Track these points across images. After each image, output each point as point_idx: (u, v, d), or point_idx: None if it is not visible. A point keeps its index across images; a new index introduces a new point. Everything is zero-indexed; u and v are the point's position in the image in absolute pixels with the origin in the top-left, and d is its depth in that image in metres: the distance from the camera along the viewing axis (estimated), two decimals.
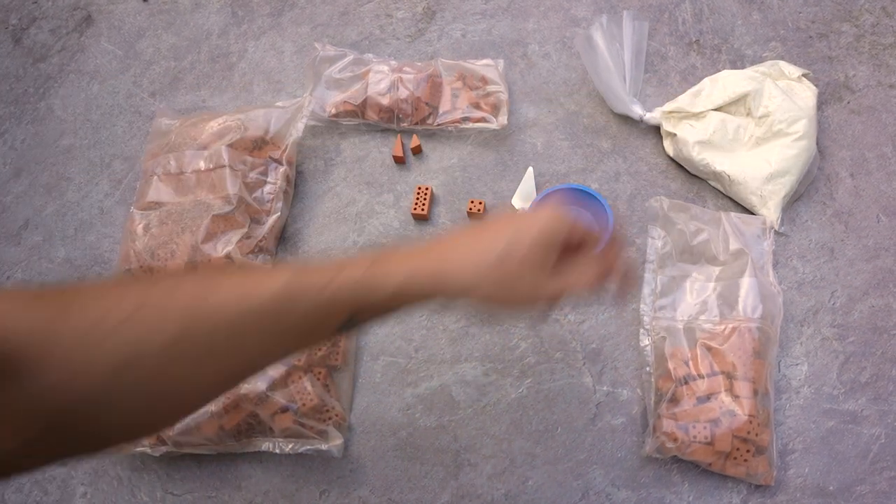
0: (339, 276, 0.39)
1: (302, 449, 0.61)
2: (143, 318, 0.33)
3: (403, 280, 0.40)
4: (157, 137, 0.75)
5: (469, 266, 0.41)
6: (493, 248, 0.41)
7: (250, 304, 0.36)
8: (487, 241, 0.42)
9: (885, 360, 0.63)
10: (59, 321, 0.32)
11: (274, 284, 0.37)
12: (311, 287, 0.38)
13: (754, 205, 0.68)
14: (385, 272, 0.40)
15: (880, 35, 0.79)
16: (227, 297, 0.36)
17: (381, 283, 0.39)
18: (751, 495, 0.58)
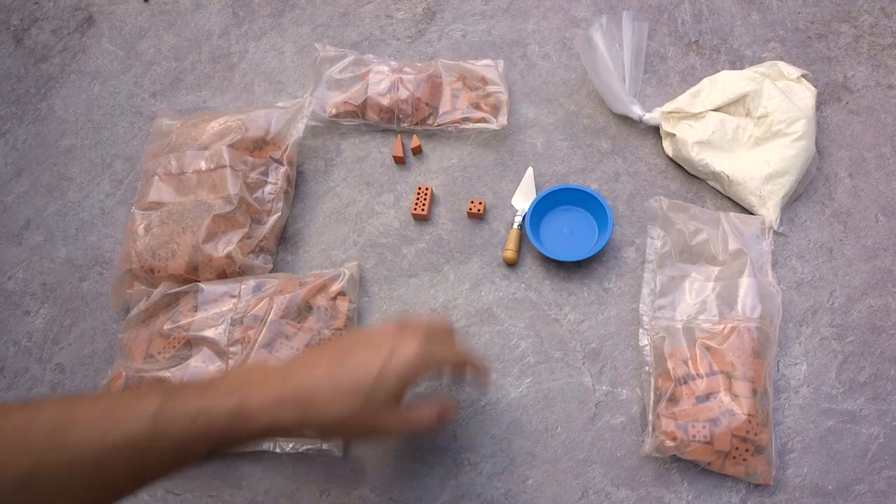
0: (210, 406, 0.39)
1: (302, 448, 0.61)
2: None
3: (271, 418, 0.40)
4: (158, 138, 0.75)
5: (335, 406, 0.42)
6: (359, 387, 0.42)
7: (115, 437, 0.36)
8: (354, 376, 0.43)
9: (883, 359, 0.63)
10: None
11: (143, 415, 0.37)
12: (181, 418, 0.38)
13: (753, 205, 0.68)
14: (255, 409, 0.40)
15: (879, 36, 0.79)
16: (89, 431, 0.35)
17: (250, 420, 0.40)
18: (750, 494, 0.58)
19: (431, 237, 0.72)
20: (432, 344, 0.46)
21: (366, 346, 0.45)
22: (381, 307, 0.69)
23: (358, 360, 0.44)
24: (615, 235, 0.70)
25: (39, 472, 0.33)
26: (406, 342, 0.45)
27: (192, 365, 0.62)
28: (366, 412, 0.43)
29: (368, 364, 0.43)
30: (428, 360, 0.45)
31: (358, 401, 0.42)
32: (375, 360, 0.43)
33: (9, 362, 0.70)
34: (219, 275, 0.67)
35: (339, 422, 0.42)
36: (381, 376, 0.43)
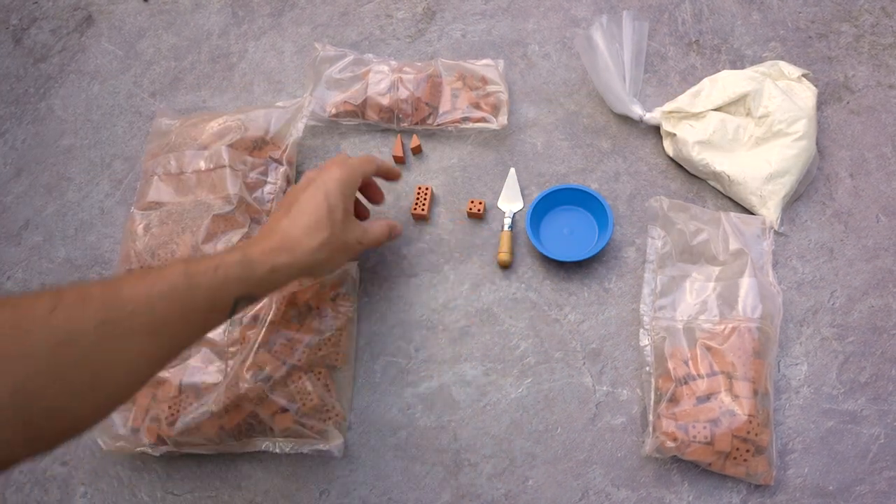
0: (224, 259, 0.48)
1: (302, 449, 0.61)
2: (66, 310, 0.38)
3: (271, 263, 0.51)
4: (158, 137, 0.75)
5: (312, 237, 0.53)
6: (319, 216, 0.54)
7: (159, 289, 0.43)
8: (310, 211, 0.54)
9: (884, 360, 0.63)
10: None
11: (174, 272, 0.44)
12: (204, 269, 0.46)
13: (754, 205, 0.68)
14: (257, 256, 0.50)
15: (880, 35, 0.79)
16: (136, 289, 0.42)
17: (255, 266, 0.50)
18: (750, 495, 0.58)
19: (431, 237, 0.72)
20: (346, 162, 0.59)
21: (303, 190, 0.56)
22: (381, 307, 0.69)
23: (305, 200, 0.55)
24: (615, 235, 0.70)
25: (108, 324, 0.39)
26: (328, 169, 0.57)
27: (192, 365, 0.62)
28: (334, 233, 0.55)
29: (314, 199, 0.55)
30: (350, 173, 0.58)
31: (325, 226, 0.54)
32: (317, 193, 0.55)
33: None
34: None
35: (319, 249, 0.53)
36: (328, 199, 0.55)
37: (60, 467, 0.65)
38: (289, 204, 0.55)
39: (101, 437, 0.61)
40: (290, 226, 0.53)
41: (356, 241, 0.58)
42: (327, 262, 0.55)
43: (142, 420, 0.61)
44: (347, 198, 0.57)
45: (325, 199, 0.55)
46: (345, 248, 0.57)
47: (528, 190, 0.73)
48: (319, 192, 0.55)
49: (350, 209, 0.57)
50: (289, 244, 0.52)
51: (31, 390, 0.36)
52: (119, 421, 0.62)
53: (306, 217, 0.54)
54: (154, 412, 0.61)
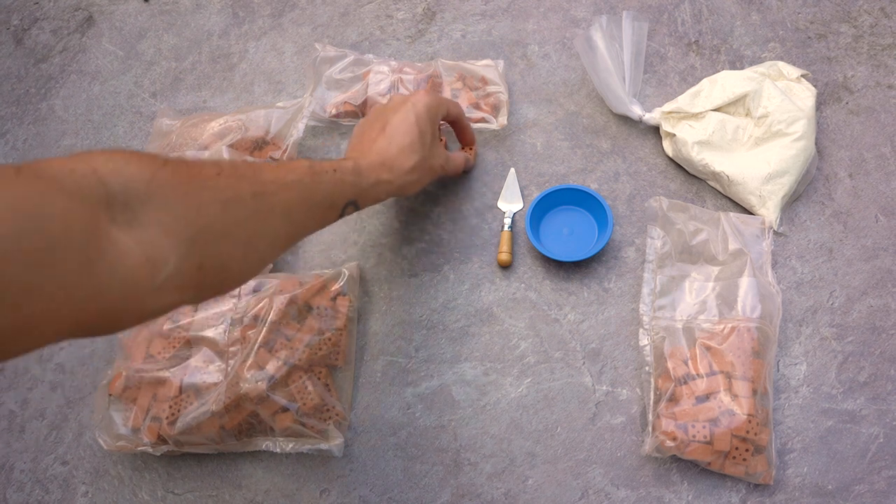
0: (341, 164, 0.53)
1: (302, 448, 0.61)
2: (227, 178, 0.42)
3: (377, 176, 0.56)
4: (159, 138, 0.75)
5: (409, 156, 0.58)
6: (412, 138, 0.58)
7: (291, 179, 0.47)
8: (405, 133, 0.58)
9: (883, 359, 0.63)
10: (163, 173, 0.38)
11: (302, 166, 0.49)
12: (326, 169, 0.51)
13: (753, 205, 0.68)
14: (367, 167, 0.55)
15: (879, 36, 0.80)
16: (273, 174, 0.46)
17: (365, 175, 0.55)
18: (750, 494, 0.58)
19: (431, 237, 0.72)
20: (434, 91, 0.65)
21: (395, 113, 0.59)
22: (381, 307, 0.69)
23: (398, 124, 0.58)
24: (615, 235, 0.70)
25: (260, 196, 0.44)
26: (416, 95, 0.61)
27: (192, 365, 0.62)
28: (424, 154, 0.59)
29: (405, 121, 0.58)
30: (438, 101, 0.62)
31: (418, 149, 0.58)
32: (408, 117, 0.59)
33: (9, 362, 0.70)
34: None
35: (414, 167, 0.58)
36: (417, 124, 0.59)
37: (61, 466, 0.65)
38: (382, 125, 0.59)
39: (102, 437, 0.61)
40: (388, 146, 0.57)
41: (440, 166, 0.62)
42: (417, 182, 0.60)
43: (142, 420, 0.61)
44: (434, 123, 0.61)
45: (416, 123, 0.58)
46: (431, 171, 0.61)
47: (528, 190, 0.73)
48: (411, 115, 0.58)
49: (436, 134, 0.62)
50: (388, 163, 0.57)
51: (203, 242, 0.39)
52: (120, 420, 0.62)
53: (400, 138, 0.58)
54: (155, 412, 0.61)
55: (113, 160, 0.36)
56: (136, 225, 0.36)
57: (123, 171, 0.36)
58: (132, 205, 0.36)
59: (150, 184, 0.37)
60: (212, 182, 0.41)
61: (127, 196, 0.36)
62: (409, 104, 0.59)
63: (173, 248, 0.37)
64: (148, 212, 0.36)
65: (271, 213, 0.45)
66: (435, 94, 0.62)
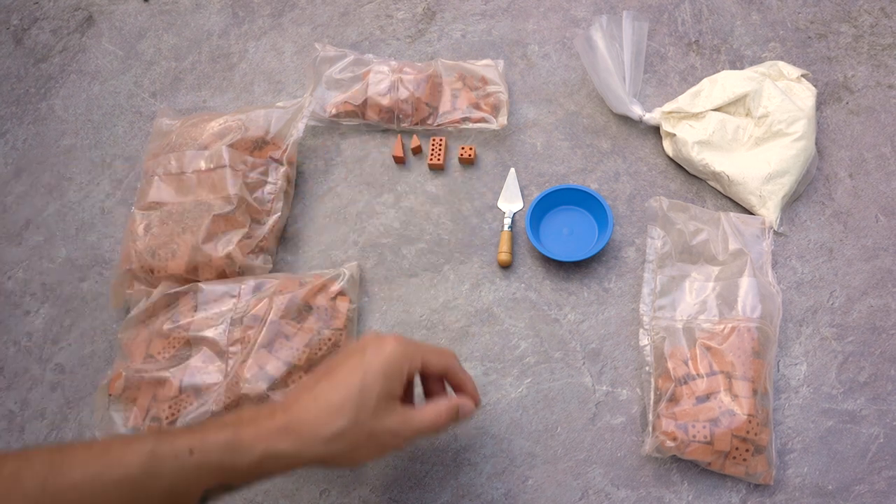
0: (205, 439, 0.39)
1: None
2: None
3: (265, 448, 0.41)
4: (158, 137, 0.75)
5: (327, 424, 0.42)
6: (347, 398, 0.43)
7: (111, 476, 0.36)
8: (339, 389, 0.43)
9: (883, 359, 0.63)
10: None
11: (138, 453, 0.37)
12: (178, 452, 0.38)
13: (753, 205, 0.68)
14: (249, 440, 0.40)
15: (879, 35, 0.79)
16: (83, 473, 0.35)
17: (244, 452, 0.40)
18: (750, 494, 0.58)
19: (431, 237, 0.72)
20: (411, 341, 0.47)
21: (347, 357, 0.46)
22: (381, 307, 0.69)
23: (341, 374, 0.44)
24: (615, 235, 0.70)
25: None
26: (382, 341, 0.46)
27: (192, 365, 0.62)
28: (360, 421, 0.43)
29: (351, 373, 0.44)
30: (407, 354, 0.46)
31: (349, 411, 0.43)
32: (357, 367, 0.44)
33: (9, 362, 0.70)
34: (219, 275, 0.67)
35: (335, 438, 0.42)
36: (364, 378, 0.43)
37: None
38: (325, 372, 0.46)
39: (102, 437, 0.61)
40: (308, 404, 0.43)
41: (390, 433, 0.45)
42: (347, 455, 0.44)
43: (142, 420, 0.61)
44: (391, 380, 0.45)
45: (360, 379, 0.44)
46: (371, 440, 0.44)
47: (528, 190, 0.73)
48: (357, 368, 0.44)
49: (393, 393, 0.45)
50: (297, 426, 0.42)
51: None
52: (120, 421, 0.62)
53: (331, 396, 0.43)
54: (154, 412, 0.61)
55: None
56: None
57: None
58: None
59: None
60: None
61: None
62: (369, 350, 0.45)
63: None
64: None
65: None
66: (406, 346, 0.46)
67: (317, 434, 0.42)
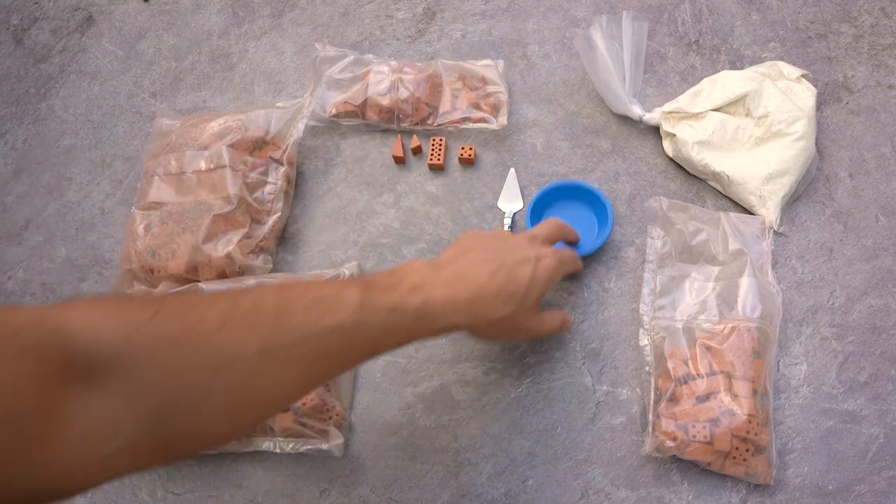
0: (403, 302, 0.45)
1: (302, 448, 0.61)
2: (232, 331, 0.37)
3: (449, 319, 0.47)
4: (158, 138, 0.75)
5: (498, 308, 0.50)
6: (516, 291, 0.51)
7: (327, 325, 0.41)
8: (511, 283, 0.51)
9: (883, 359, 0.63)
10: (148, 328, 0.34)
11: (349, 304, 0.42)
12: (380, 311, 0.43)
13: (753, 205, 0.68)
14: (437, 308, 0.47)
15: (879, 35, 0.79)
16: (306, 317, 0.40)
17: (433, 319, 0.46)
18: (750, 494, 0.58)
19: (431, 237, 0.72)
20: (563, 258, 0.56)
21: (515, 255, 0.53)
22: None
23: (513, 270, 0.51)
24: (615, 235, 0.70)
25: (271, 350, 0.38)
26: (545, 258, 0.54)
27: None
28: (518, 313, 0.51)
29: (522, 272, 0.51)
30: (560, 269, 0.56)
31: (514, 303, 0.51)
32: (527, 270, 0.52)
33: None
34: (219, 275, 0.67)
35: (499, 321, 0.50)
36: (531, 283, 0.52)
37: None
38: (492, 259, 0.52)
39: None
40: (486, 285, 0.50)
41: (527, 328, 0.55)
42: (494, 333, 0.54)
43: None
44: (545, 289, 0.54)
45: (530, 280, 0.52)
46: (515, 329, 0.54)
47: (528, 190, 0.73)
48: (528, 268, 0.52)
49: (541, 299, 0.55)
50: (476, 303, 0.49)
51: (174, 413, 0.35)
52: None
53: (507, 287, 0.50)
54: None
55: (92, 313, 0.33)
56: (96, 391, 0.32)
57: (98, 327, 0.33)
58: (96, 367, 0.32)
59: (124, 344, 0.33)
60: (206, 341, 0.36)
61: (91, 358, 0.32)
62: (533, 257, 0.53)
63: (130, 419, 0.33)
64: (112, 377, 0.33)
65: (283, 370, 0.39)
66: (560, 262, 0.55)
67: (490, 314, 0.50)
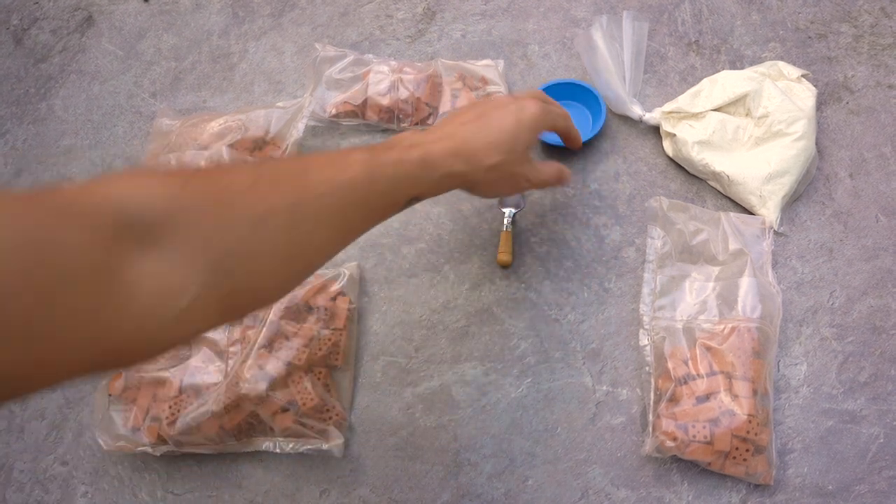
0: (405, 154, 0.48)
1: (302, 448, 0.61)
2: (262, 188, 0.39)
3: (448, 167, 0.50)
4: (158, 138, 0.75)
5: (490, 154, 0.53)
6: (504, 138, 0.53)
7: (342, 179, 0.44)
8: (498, 130, 0.53)
9: (883, 359, 0.63)
10: (188, 189, 0.36)
11: (359, 161, 0.45)
12: (386, 165, 0.47)
13: (753, 205, 0.68)
14: (437, 158, 0.50)
15: (879, 35, 0.79)
16: (322, 175, 0.43)
17: (433, 167, 0.50)
18: (750, 495, 0.58)
19: (431, 237, 0.72)
20: (545, 103, 0.58)
21: (497, 108, 0.55)
22: (381, 307, 0.69)
23: (497, 118, 0.54)
24: (615, 235, 0.70)
25: (299, 204, 0.41)
26: (528, 103, 0.56)
27: (192, 365, 0.62)
28: (511, 158, 0.54)
29: (506, 120, 0.54)
30: (546, 116, 0.57)
31: (504, 148, 0.53)
32: (510, 116, 0.54)
33: None
34: None
35: (494, 167, 0.53)
36: (517, 127, 0.54)
37: (61, 467, 0.65)
38: (477, 114, 0.54)
39: (102, 437, 0.61)
40: (474, 135, 0.52)
41: (524, 176, 0.57)
42: (493, 184, 0.55)
43: (142, 420, 0.61)
44: (533, 134, 0.56)
45: (515, 125, 0.54)
46: (512, 178, 0.56)
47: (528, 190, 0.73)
48: (511, 116, 0.54)
49: (531, 145, 0.57)
50: (468, 153, 0.52)
51: (230, 266, 0.37)
52: (120, 421, 0.62)
53: (493, 133, 0.53)
54: (154, 412, 0.61)
55: (133, 181, 0.35)
56: (154, 252, 0.33)
57: (142, 193, 0.34)
58: (152, 230, 0.33)
59: (170, 205, 0.34)
60: (240, 198, 0.38)
61: (145, 221, 0.33)
62: (515, 105, 0.55)
63: (194, 275, 0.35)
64: (168, 236, 0.34)
65: (315, 223, 0.42)
66: (545, 110, 0.57)
67: (482, 162, 0.52)
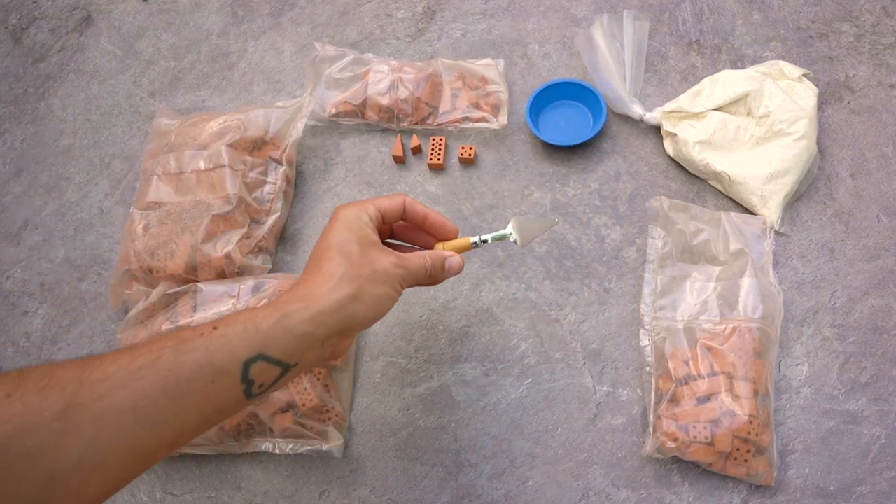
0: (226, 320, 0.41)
1: (302, 449, 0.61)
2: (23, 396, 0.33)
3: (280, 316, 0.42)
4: (157, 137, 0.75)
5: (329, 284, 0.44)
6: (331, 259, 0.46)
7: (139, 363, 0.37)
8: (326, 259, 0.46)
9: (885, 360, 0.63)
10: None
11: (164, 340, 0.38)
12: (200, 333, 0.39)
13: (754, 205, 0.68)
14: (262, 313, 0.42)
15: (881, 35, 0.79)
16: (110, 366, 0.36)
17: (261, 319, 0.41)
18: (751, 495, 0.58)
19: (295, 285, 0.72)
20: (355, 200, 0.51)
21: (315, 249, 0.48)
22: None
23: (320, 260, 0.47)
24: (615, 235, 0.70)
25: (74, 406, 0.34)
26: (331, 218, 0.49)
27: None
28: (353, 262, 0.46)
29: (326, 250, 0.47)
30: (356, 206, 0.49)
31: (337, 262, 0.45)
32: (325, 243, 0.47)
33: (7, 363, 0.69)
34: (218, 275, 0.66)
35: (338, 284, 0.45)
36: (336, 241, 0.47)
37: None
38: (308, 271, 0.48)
39: None
40: (308, 276, 0.46)
41: (385, 273, 0.47)
42: (356, 300, 0.45)
43: None
44: (357, 230, 0.48)
45: (334, 245, 0.47)
46: (375, 278, 0.46)
47: (528, 190, 0.73)
48: (328, 243, 0.47)
49: (370, 239, 0.48)
50: (304, 292, 0.44)
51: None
52: None
53: (317, 262, 0.46)
54: None
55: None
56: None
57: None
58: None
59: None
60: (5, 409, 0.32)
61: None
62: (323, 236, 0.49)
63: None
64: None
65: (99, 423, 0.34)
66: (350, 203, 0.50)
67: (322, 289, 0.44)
